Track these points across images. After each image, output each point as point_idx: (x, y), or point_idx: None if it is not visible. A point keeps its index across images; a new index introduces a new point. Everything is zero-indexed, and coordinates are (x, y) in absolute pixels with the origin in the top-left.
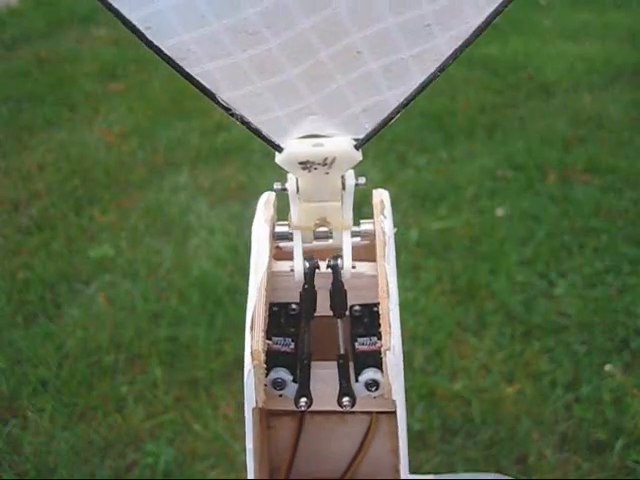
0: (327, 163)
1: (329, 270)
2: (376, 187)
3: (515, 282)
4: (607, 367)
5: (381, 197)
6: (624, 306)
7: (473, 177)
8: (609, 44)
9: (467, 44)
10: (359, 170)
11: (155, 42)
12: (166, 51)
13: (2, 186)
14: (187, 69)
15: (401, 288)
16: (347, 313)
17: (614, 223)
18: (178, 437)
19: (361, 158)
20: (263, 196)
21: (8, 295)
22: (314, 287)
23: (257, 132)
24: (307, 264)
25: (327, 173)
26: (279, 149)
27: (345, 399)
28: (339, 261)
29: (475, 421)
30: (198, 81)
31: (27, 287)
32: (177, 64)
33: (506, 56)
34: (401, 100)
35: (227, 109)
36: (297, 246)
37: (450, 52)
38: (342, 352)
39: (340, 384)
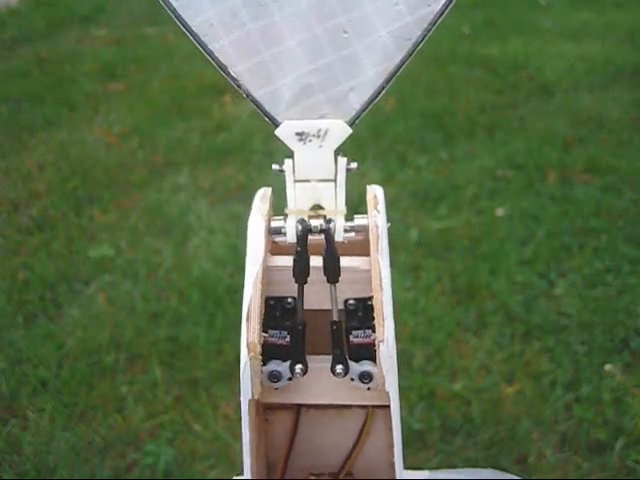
0: (320, 135)
1: (322, 237)
2: None
3: (515, 282)
4: (607, 367)
5: (375, 193)
6: (624, 306)
7: (473, 177)
8: (609, 44)
9: (433, 24)
10: (360, 169)
11: (184, 17)
12: (193, 28)
13: (2, 186)
14: (208, 44)
15: (401, 288)
16: (342, 306)
17: (614, 223)
18: (178, 437)
19: (351, 132)
20: (259, 191)
21: (8, 295)
22: (307, 250)
23: (259, 105)
24: (300, 226)
25: (321, 146)
26: (278, 123)
27: (338, 367)
28: (331, 224)
29: (475, 421)
30: (215, 56)
31: (27, 287)
32: (200, 39)
33: (506, 56)
34: (384, 77)
35: (236, 80)
36: (291, 218)
37: (420, 32)
38: (335, 319)
39: (333, 352)
